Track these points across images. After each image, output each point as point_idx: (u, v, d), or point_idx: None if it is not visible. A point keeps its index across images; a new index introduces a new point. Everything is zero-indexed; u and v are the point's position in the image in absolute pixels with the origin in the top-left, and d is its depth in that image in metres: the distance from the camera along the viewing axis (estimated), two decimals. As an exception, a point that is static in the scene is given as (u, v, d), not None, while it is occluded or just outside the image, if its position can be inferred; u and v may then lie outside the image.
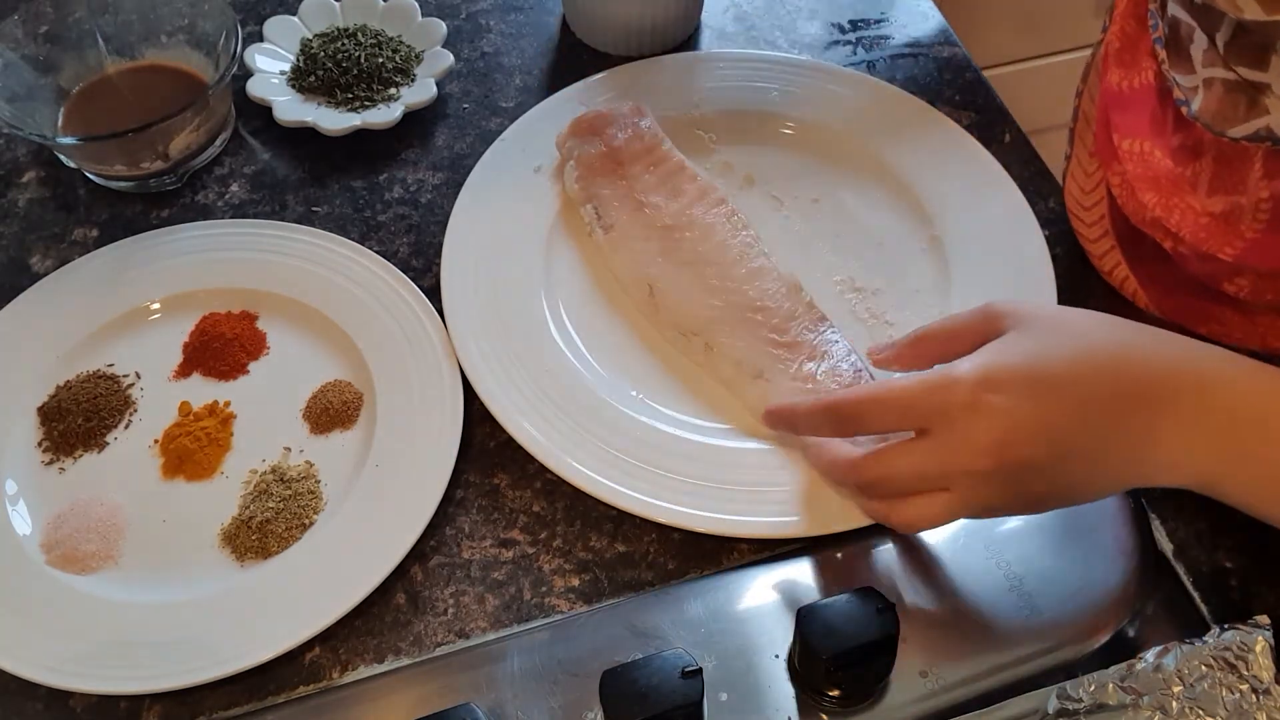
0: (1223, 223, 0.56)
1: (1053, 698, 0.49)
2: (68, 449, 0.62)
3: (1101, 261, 0.68)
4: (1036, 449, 0.50)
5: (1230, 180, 0.55)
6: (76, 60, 0.74)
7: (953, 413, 0.50)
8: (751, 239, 0.68)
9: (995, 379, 0.50)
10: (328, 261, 0.68)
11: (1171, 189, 0.58)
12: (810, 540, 0.58)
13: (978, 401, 0.49)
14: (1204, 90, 0.54)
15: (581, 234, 0.71)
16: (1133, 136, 0.60)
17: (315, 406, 0.63)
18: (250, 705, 0.54)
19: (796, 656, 0.53)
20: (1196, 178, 0.57)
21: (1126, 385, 0.50)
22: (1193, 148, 0.57)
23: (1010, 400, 0.49)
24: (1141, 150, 0.59)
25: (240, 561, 0.58)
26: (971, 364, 0.51)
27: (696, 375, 0.65)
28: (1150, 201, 0.58)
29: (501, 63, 0.81)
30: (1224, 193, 0.55)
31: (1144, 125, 0.59)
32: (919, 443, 0.52)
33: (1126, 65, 0.61)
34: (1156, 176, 0.58)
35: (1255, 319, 0.60)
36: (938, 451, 0.51)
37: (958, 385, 0.50)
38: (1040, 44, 1.30)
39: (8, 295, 0.67)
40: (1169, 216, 0.58)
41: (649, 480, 0.59)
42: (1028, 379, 0.50)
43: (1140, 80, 0.60)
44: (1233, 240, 0.55)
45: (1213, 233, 0.56)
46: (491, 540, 0.59)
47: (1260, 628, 0.49)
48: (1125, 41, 0.61)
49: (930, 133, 0.75)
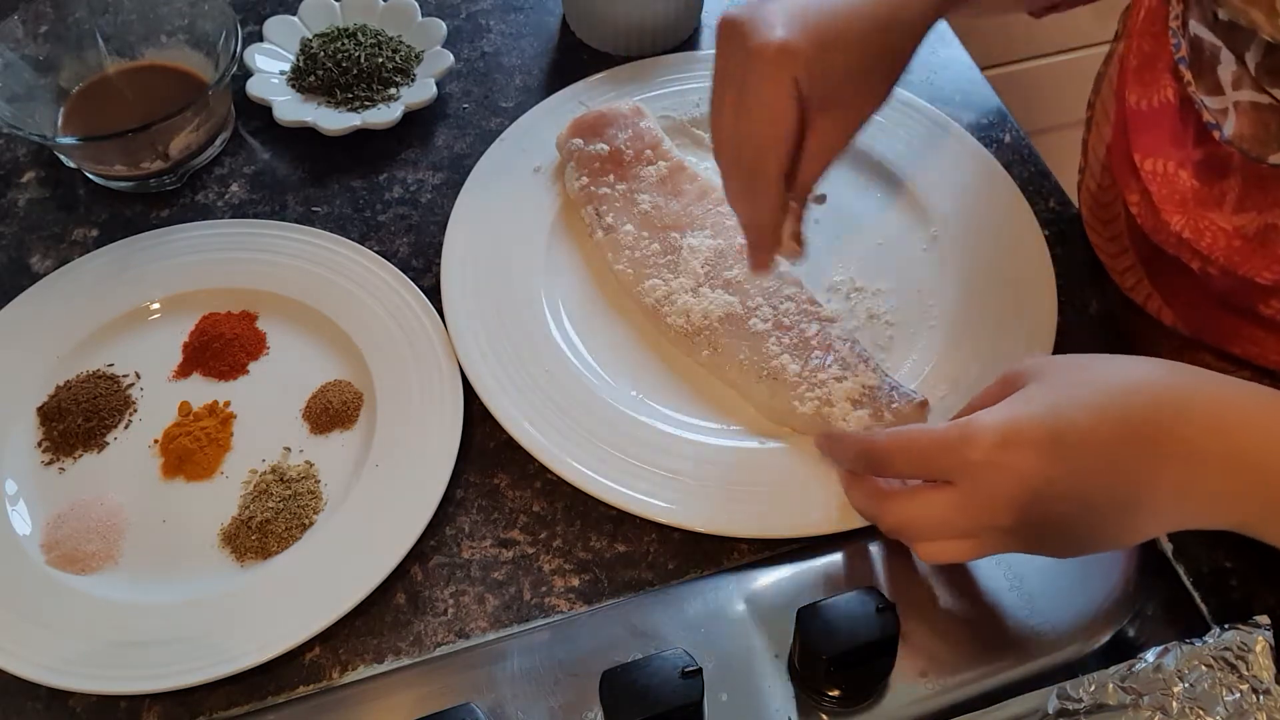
0: (1258, 245, 0.54)
1: (1053, 698, 0.49)
2: (68, 449, 0.62)
3: (1123, 278, 0.66)
4: (1060, 506, 0.48)
5: (1260, 198, 0.54)
6: (76, 60, 0.74)
7: (978, 470, 0.49)
8: None
9: (1015, 437, 0.48)
10: (328, 261, 0.68)
11: (1198, 209, 0.56)
12: (810, 540, 0.58)
13: (999, 460, 0.48)
14: (1235, 114, 0.53)
15: (581, 234, 0.71)
16: (1155, 156, 0.58)
17: (315, 406, 0.63)
18: (250, 705, 0.54)
19: (796, 656, 0.53)
20: (1224, 195, 0.55)
21: (1153, 434, 0.47)
22: (1217, 164, 0.56)
23: (1031, 458, 0.48)
24: (1165, 171, 0.58)
25: (240, 561, 0.58)
26: (992, 418, 0.49)
27: (696, 375, 0.65)
28: (1177, 223, 0.57)
29: (501, 63, 0.81)
30: (1254, 210, 0.54)
31: (1165, 143, 0.58)
32: (944, 493, 0.50)
33: (1145, 84, 0.60)
34: (1183, 198, 0.57)
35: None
36: (962, 505, 0.50)
37: (977, 441, 0.48)
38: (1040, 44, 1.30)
39: (8, 295, 0.67)
40: (1199, 239, 0.56)
41: (649, 480, 0.59)
42: (1049, 436, 0.48)
43: (1160, 98, 0.59)
44: (1271, 265, 0.54)
45: (1247, 256, 0.55)
46: (491, 540, 0.59)
47: (1260, 628, 0.49)
48: (1143, 60, 0.60)
49: (930, 133, 0.75)
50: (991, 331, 0.65)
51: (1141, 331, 0.67)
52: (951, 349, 0.65)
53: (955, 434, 0.49)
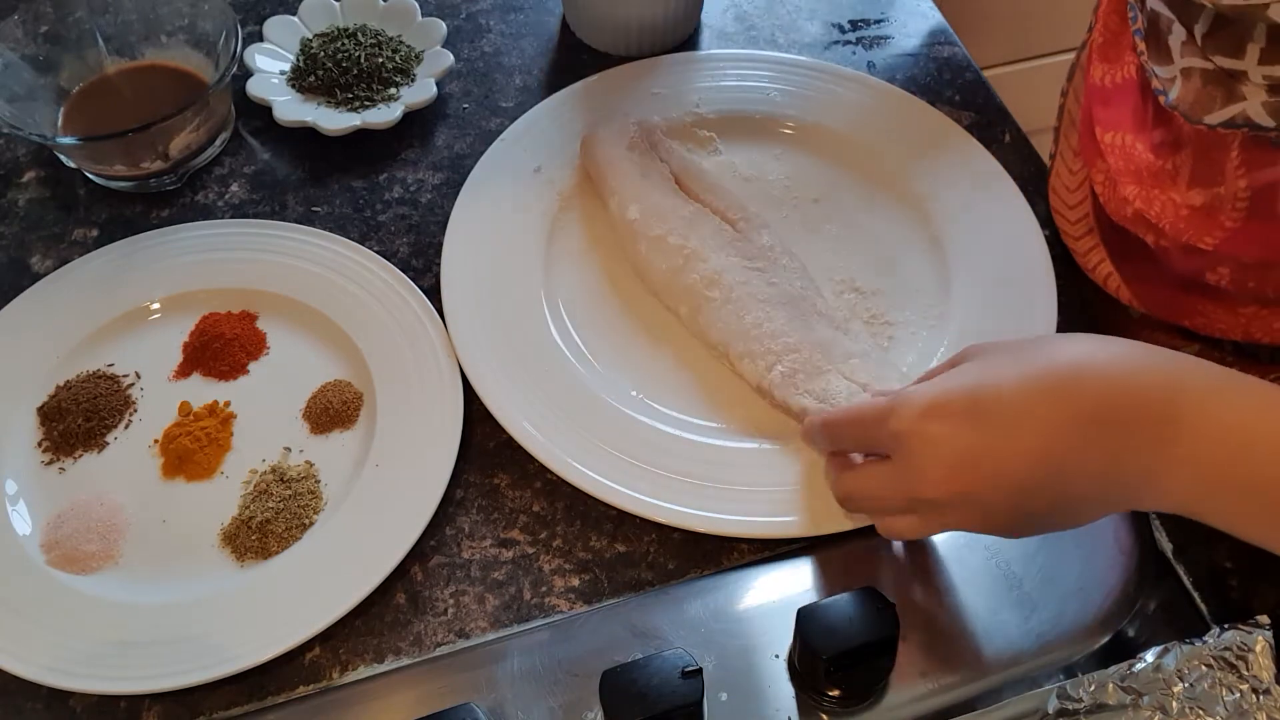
0: (1203, 214, 0.56)
1: (1053, 698, 0.49)
2: (68, 449, 0.62)
3: (1085, 259, 0.68)
4: (982, 479, 0.48)
5: (1209, 172, 0.55)
6: (76, 60, 0.74)
7: (903, 440, 0.49)
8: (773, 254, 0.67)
9: (939, 406, 0.48)
10: (328, 261, 0.68)
11: (1152, 181, 0.58)
12: (810, 540, 0.58)
13: (922, 430, 0.48)
14: (1182, 80, 0.54)
15: (582, 234, 0.71)
16: (1115, 130, 0.60)
17: (315, 406, 0.63)
18: (250, 705, 0.54)
19: (796, 656, 0.53)
20: (1177, 171, 0.57)
21: (1086, 408, 0.46)
22: (1173, 142, 0.57)
23: (952, 429, 0.48)
24: (1124, 143, 0.59)
25: (240, 561, 0.58)
26: (918, 390, 0.50)
27: (697, 375, 0.65)
28: (1131, 194, 0.58)
29: (501, 63, 0.81)
30: (1204, 185, 0.55)
31: (1126, 119, 0.59)
32: (880, 466, 0.52)
33: (1110, 60, 0.61)
34: (1138, 169, 0.58)
35: (1237, 309, 0.60)
36: (893, 478, 0.51)
37: (902, 410, 0.49)
38: (1040, 44, 1.30)
39: (8, 295, 0.67)
40: (1150, 208, 0.58)
41: (649, 480, 0.59)
42: (970, 406, 0.48)
43: (1123, 75, 0.60)
44: (1213, 230, 0.55)
45: (1193, 223, 0.56)
46: (491, 540, 0.59)
47: (1260, 628, 0.49)
48: (1108, 37, 0.61)
49: (930, 133, 0.75)
50: (991, 332, 0.65)
51: (1105, 314, 0.68)
52: (951, 349, 0.65)
53: (885, 405, 0.51)
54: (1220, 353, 0.64)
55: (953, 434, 0.48)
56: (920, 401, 0.49)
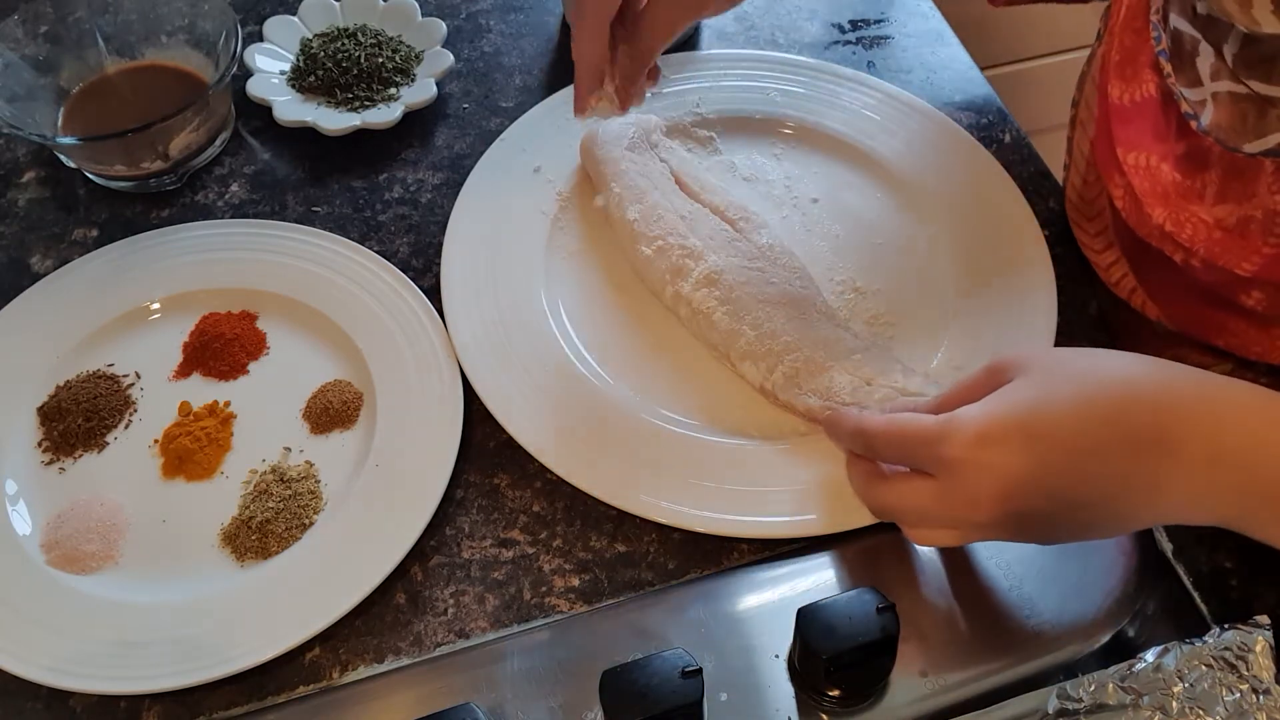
0: (1237, 236, 0.55)
1: (1053, 698, 0.49)
2: (68, 449, 0.62)
3: (1108, 273, 0.67)
4: (1036, 503, 0.48)
5: (1239, 189, 0.54)
6: (76, 60, 0.74)
7: (955, 466, 0.49)
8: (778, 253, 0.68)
9: (992, 433, 0.48)
10: (328, 261, 0.68)
11: (1180, 201, 0.57)
12: (810, 540, 0.58)
13: (975, 459, 0.48)
14: (1213, 105, 0.54)
15: (581, 234, 0.71)
16: (1137, 150, 0.59)
17: (315, 406, 0.63)
18: (250, 705, 0.54)
19: (796, 656, 0.53)
20: (1204, 188, 0.56)
21: (1133, 430, 0.48)
22: (1199, 157, 0.56)
23: (1007, 455, 0.48)
24: (1148, 164, 0.58)
25: (240, 561, 0.58)
26: (970, 415, 0.49)
27: (696, 375, 0.65)
28: (1159, 216, 0.58)
29: (501, 63, 0.81)
30: (1233, 201, 0.55)
31: (1147, 138, 0.59)
32: (926, 483, 0.51)
33: (1127, 79, 0.60)
34: (1165, 190, 0.57)
35: (1271, 331, 0.59)
36: (940, 498, 0.50)
37: (955, 437, 0.49)
38: (1040, 44, 1.30)
39: (8, 295, 0.67)
40: (1180, 231, 0.57)
41: (649, 480, 0.59)
42: (1025, 432, 0.48)
43: (1142, 93, 0.59)
44: (1250, 255, 0.55)
45: (1227, 247, 0.55)
46: (491, 540, 0.59)
47: (1260, 628, 0.49)
48: (1125, 55, 0.60)
49: (930, 132, 0.75)
50: (992, 332, 0.65)
51: (1128, 327, 0.67)
52: (952, 350, 0.65)
53: (936, 429, 0.50)
54: (1253, 373, 0.63)
55: (1006, 461, 0.48)
56: (974, 428, 0.48)
